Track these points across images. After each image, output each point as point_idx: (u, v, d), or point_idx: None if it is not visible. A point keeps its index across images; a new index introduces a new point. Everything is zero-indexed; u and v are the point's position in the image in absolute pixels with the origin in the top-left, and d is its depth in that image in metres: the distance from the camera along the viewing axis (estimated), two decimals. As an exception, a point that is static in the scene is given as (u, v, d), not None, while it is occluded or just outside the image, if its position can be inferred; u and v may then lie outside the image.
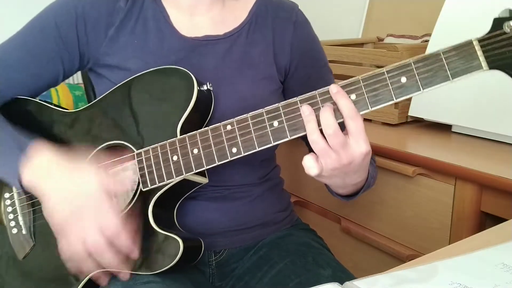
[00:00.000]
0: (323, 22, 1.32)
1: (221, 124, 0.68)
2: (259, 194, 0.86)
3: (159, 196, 0.72)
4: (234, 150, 0.67)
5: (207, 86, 0.75)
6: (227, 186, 0.83)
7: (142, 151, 0.72)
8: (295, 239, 0.87)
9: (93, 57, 0.81)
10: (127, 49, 0.80)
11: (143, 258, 0.70)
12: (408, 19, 1.65)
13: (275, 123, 0.65)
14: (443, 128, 1.16)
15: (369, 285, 0.51)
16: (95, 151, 0.77)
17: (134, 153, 0.73)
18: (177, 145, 0.70)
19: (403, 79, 0.61)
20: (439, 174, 0.99)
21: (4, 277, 0.79)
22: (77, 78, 1.61)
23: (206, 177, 0.75)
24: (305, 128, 0.63)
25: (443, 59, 0.60)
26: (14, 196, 0.80)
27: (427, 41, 1.22)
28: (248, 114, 0.66)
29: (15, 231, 0.79)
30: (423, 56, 0.61)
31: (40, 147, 0.71)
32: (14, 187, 0.80)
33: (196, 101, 0.72)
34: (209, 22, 0.84)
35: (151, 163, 0.71)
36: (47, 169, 0.69)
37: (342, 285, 0.50)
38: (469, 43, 0.59)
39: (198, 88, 0.72)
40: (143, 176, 0.72)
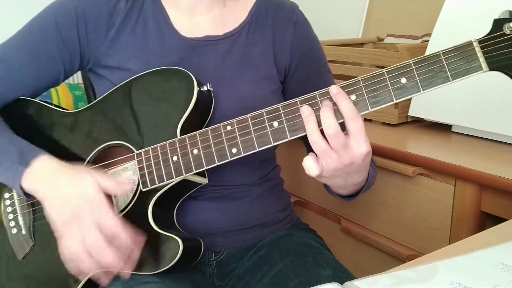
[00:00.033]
0: (323, 22, 1.32)
1: (221, 124, 0.68)
2: (259, 194, 0.86)
3: (159, 196, 0.72)
4: (234, 150, 0.67)
5: (207, 87, 0.75)
6: (227, 186, 0.83)
7: (142, 151, 0.72)
8: (295, 239, 0.87)
9: (93, 57, 0.81)
10: (127, 49, 0.80)
11: (143, 258, 0.70)
12: (408, 19, 1.65)
13: (275, 124, 0.65)
14: (443, 128, 1.16)
15: (369, 285, 0.51)
16: (95, 151, 0.77)
17: (134, 153, 0.73)
18: (177, 145, 0.70)
19: (403, 80, 0.61)
20: (439, 174, 0.99)
21: (3, 277, 0.79)
22: (77, 78, 1.61)
23: (206, 177, 0.75)
24: (305, 129, 0.63)
25: (443, 60, 0.60)
26: (14, 196, 0.80)
27: (427, 41, 1.22)
28: (248, 115, 0.66)
29: (14, 231, 0.79)
30: (423, 57, 0.61)
31: (44, 158, 0.72)
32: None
33: (196, 101, 0.72)
34: (209, 22, 0.84)
35: (151, 163, 0.71)
36: (46, 174, 0.70)
37: (342, 285, 0.50)
38: (469, 44, 0.60)
39: (198, 89, 0.72)
40: (143, 176, 0.72)
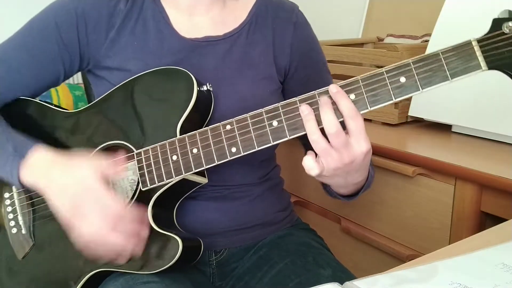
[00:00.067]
0: (323, 22, 1.32)
1: (220, 124, 0.68)
2: (259, 194, 0.86)
3: (158, 196, 0.72)
4: (234, 149, 0.67)
5: (207, 87, 0.75)
6: (227, 186, 0.83)
7: (141, 151, 0.72)
8: (295, 239, 0.87)
9: (93, 58, 0.81)
10: (127, 50, 0.80)
11: (143, 257, 0.71)
12: (408, 19, 1.65)
13: (275, 123, 0.65)
14: (443, 128, 1.16)
15: (369, 285, 0.51)
16: (95, 151, 0.77)
17: (133, 153, 0.73)
18: (177, 144, 0.70)
19: (402, 79, 0.61)
20: (439, 174, 0.99)
21: (3, 277, 0.79)
22: (77, 78, 1.61)
23: (205, 177, 0.75)
24: (304, 128, 0.63)
25: (442, 59, 0.60)
26: (14, 196, 0.80)
27: (427, 41, 1.22)
28: (247, 114, 0.66)
29: (14, 230, 0.79)
30: (422, 56, 0.61)
31: (38, 147, 0.72)
32: (14, 188, 0.80)
33: (196, 101, 0.72)
34: (208, 22, 0.84)
35: (151, 163, 0.71)
36: (44, 167, 0.70)
37: (342, 285, 0.50)
38: (468, 43, 0.60)
39: (198, 89, 0.72)
40: (142, 176, 0.72)
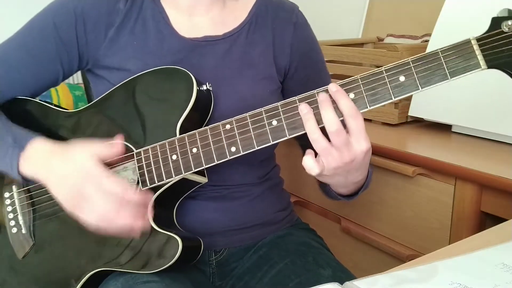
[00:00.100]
0: (323, 22, 1.32)
1: (220, 123, 0.68)
2: (259, 194, 0.86)
3: (158, 196, 0.72)
4: (233, 149, 0.67)
5: (206, 86, 0.75)
6: (226, 185, 0.83)
7: (141, 150, 0.72)
8: (295, 238, 0.87)
9: (92, 57, 0.81)
10: (126, 50, 0.80)
11: (143, 257, 0.71)
12: (408, 19, 1.65)
13: (274, 122, 0.65)
14: (443, 128, 1.16)
15: (369, 285, 0.50)
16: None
17: (133, 152, 0.73)
18: (176, 144, 0.70)
19: (402, 78, 0.61)
20: (439, 174, 0.99)
21: (4, 276, 0.79)
22: (77, 78, 1.61)
23: (205, 176, 0.75)
24: (304, 127, 0.63)
25: (442, 58, 0.60)
26: (14, 195, 0.80)
27: (427, 41, 1.22)
28: (247, 113, 0.67)
29: (14, 230, 0.79)
30: (422, 55, 0.61)
31: (37, 139, 0.72)
32: (14, 187, 0.80)
33: (195, 101, 0.72)
34: (208, 22, 0.84)
35: (150, 162, 0.71)
36: (43, 158, 0.71)
37: (342, 285, 0.50)
38: (467, 42, 0.60)
39: (197, 88, 0.72)
40: (142, 175, 0.72)
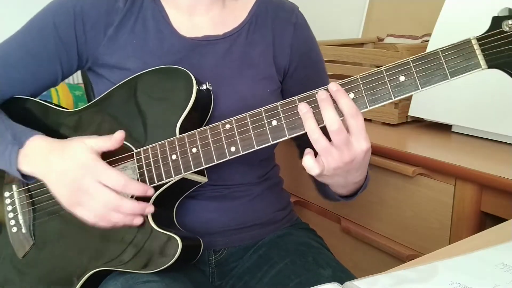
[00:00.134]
0: (323, 22, 1.32)
1: (220, 123, 0.68)
2: (259, 193, 0.86)
3: (158, 195, 0.72)
4: (233, 149, 0.67)
5: (206, 86, 0.75)
6: (226, 185, 0.83)
7: (141, 150, 0.72)
8: (294, 238, 0.87)
9: (92, 56, 0.81)
10: (126, 49, 0.80)
11: (143, 257, 0.70)
12: (408, 19, 1.65)
13: (274, 122, 0.65)
14: (443, 128, 1.16)
15: (369, 285, 0.50)
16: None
17: (133, 152, 0.73)
18: (176, 144, 0.70)
19: (402, 78, 0.61)
20: (439, 174, 0.99)
21: (4, 276, 0.79)
22: (77, 78, 1.61)
23: (205, 176, 0.75)
24: (303, 127, 0.63)
25: (442, 58, 0.60)
26: (14, 195, 0.80)
27: (427, 41, 1.22)
28: (246, 113, 0.67)
29: (14, 229, 0.79)
30: (422, 54, 0.61)
31: (36, 135, 0.73)
32: (14, 186, 0.80)
33: (195, 100, 0.72)
34: (208, 22, 0.84)
35: (150, 162, 0.71)
36: (42, 154, 0.71)
37: (342, 285, 0.50)
38: (467, 42, 0.59)
39: (197, 88, 0.72)
40: (142, 175, 0.72)
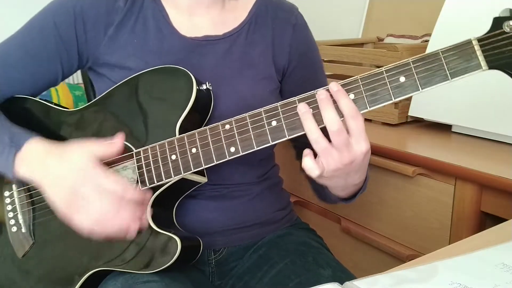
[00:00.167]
0: (323, 22, 1.32)
1: (219, 123, 0.68)
2: (258, 193, 0.86)
3: (157, 195, 0.72)
4: (233, 149, 0.67)
5: (206, 86, 0.75)
6: (226, 184, 0.83)
7: (140, 150, 0.72)
8: (294, 238, 0.87)
9: (92, 56, 0.81)
10: (127, 48, 0.80)
11: (142, 257, 0.70)
12: (408, 19, 1.65)
13: (273, 122, 0.65)
14: (443, 128, 1.16)
15: (369, 285, 0.50)
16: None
17: (132, 152, 0.73)
18: (176, 144, 0.70)
19: (402, 79, 0.61)
20: (439, 174, 0.99)
21: (4, 275, 0.79)
22: (77, 78, 1.61)
23: (205, 176, 0.75)
24: (303, 127, 0.63)
25: (442, 58, 0.60)
26: (14, 194, 0.80)
27: (427, 41, 1.22)
28: (246, 114, 0.66)
29: (14, 229, 0.79)
30: (422, 55, 0.61)
31: (34, 139, 0.72)
32: (14, 186, 0.80)
33: (195, 100, 0.72)
34: (208, 22, 0.84)
35: (150, 162, 0.71)
36: (40, 158, 0.70)
37: (342, 285, 0.50)
38: (468, 42, 0.59)
39: (197, 88, 0.72)
40: (141, 175, 0.71)
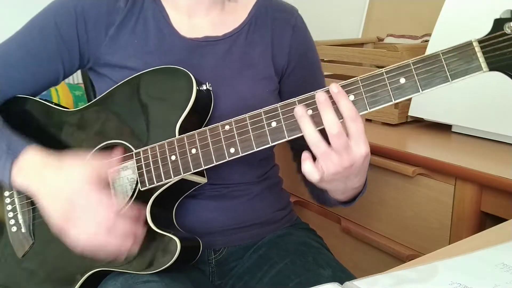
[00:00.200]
0: (323, 22, 1.32)
1: (219, 124, 0.68)
2: (258, 193, 0.86)
3: (157, 196, 0.72)
4: (232, 150, 0.67)
5: (206, 86, 0.75)
6: (226, 184, 0.83)
7: (140, 150, 0.72)
8: (294, 238, 0.87)
9: (93, 56, 0.81)
10: (127, 49, 0.80)
11: (142, 257, 0.70)
12: (408, 19, 1.65)
13: (273, 123, 0.65)
14: (443, 128, 1.16)
15: (369, 285, 0.50)
16: (94, 150, 0.77)
17: (132, 152, 0.73)
18: (175, 144, 0.70)
19: (402, 80, 0.61)
20: (439, 174, 0.99)
21: (4, 275, 0.79)
22: (77, 78, 1.61)
23: (205, 177, 0.75)
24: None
25: (443, 60, 0.59)
26: (14, 194, 0.80)
27: (427, 41, 1.22)
28: (246, 114, 0.66)
29: (14, 229, 0.79)
30: (422, 57, 0.60)
31: (32, 150, 0.71)
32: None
33: (195, 101, 0.72)
34: (208, 24, 0.84)
35: (149, 162, 0.71)
36: (37, 168, 0.70)
37: (342, 285, 0.50)
38: (469, 44, 0.59)
39: (197, 88, 0.72)
40: (141, 175, 0.71)
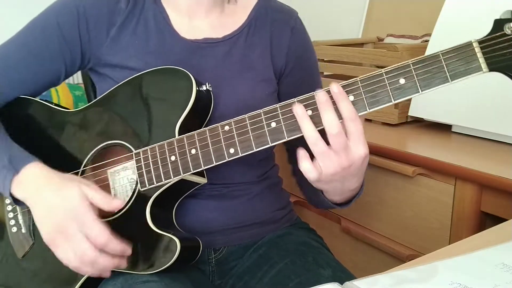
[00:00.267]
0: (323, 22, 1.32)
1: (219, 124, 0.68)
2: (258, 193, 0.86)
3: (157, 196, 0.72)
4: (232, 150, 0.67)
5: (206, 87, 0.75)
6: (225, 184, 0.83)
7: (140, 151, 0.72)
8: (294, 238, 0.87)
9: (94, 56, 0.81)
10: (128, 49, 0.80)
11: (141, 258, 0.71)
12: (408, 19, 1.65)
13: (273, 124, 0.65)
14: (443, 128, 1.16)
15: (369, 285, 0.50)
16: (94, 150, 0.77)
17: (132, 153, 0.73)
18: (175, 145, 0.70)
19: (402, 81, 0.61)
20: (439, 174, 0.99)
21: (4, 275, 0.79)
22: (77, 78, 1.61)
23: (204, 177, 0.75)
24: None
25: (442, 60, 0.59)
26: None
27: (427, 41, 1.22)
28: (246, 115, 0.66)
29: (14, 229, 0.79)
30: (422, 57, 0.60)
31: (33, 163, 0.71)
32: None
33: (195, 101, 0.72)
34: (207, 26, 0.84)
35: (149, 163, 0.71)
36: (35, 183, 0.70)
37: (342, 285, 0.50)
38: (468, 44, 0.59)
39: (197, 88, 0.72)
40: (141, 176, 0.72)
